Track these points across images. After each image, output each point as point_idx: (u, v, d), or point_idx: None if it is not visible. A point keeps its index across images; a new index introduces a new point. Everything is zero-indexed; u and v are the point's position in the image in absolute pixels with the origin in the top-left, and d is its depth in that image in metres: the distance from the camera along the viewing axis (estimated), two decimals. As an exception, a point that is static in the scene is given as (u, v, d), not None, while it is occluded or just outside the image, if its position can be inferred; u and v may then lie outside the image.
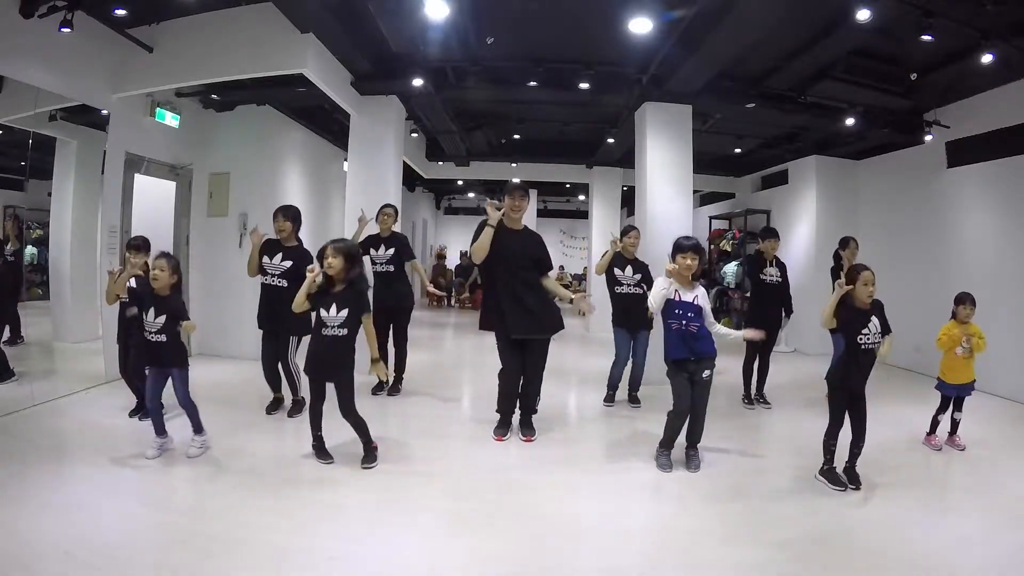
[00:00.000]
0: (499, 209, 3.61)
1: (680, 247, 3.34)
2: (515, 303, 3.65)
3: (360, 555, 2.38)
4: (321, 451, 3.31)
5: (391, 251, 4.76)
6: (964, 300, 3.77)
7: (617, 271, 4.64)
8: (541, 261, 3.81)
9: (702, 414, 3.39)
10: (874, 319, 3.05)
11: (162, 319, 3.27)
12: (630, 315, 4.56)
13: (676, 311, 3.28)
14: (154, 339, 3.29)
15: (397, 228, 5.00)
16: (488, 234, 3.58)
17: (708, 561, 2.42)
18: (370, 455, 3.31)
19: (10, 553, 2.23)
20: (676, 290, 3.30)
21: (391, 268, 4.78)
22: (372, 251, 4.76)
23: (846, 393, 3.14)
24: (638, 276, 4.61)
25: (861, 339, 3.03)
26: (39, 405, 4.09)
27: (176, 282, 3.36)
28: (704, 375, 3.32)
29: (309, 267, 3.27)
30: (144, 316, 3.30)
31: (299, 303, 3.19)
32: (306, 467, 3.26)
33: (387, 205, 4.96)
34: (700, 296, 3.32)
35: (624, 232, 4.78)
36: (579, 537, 2.62)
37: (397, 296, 4.81)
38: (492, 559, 2.40)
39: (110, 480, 2.98)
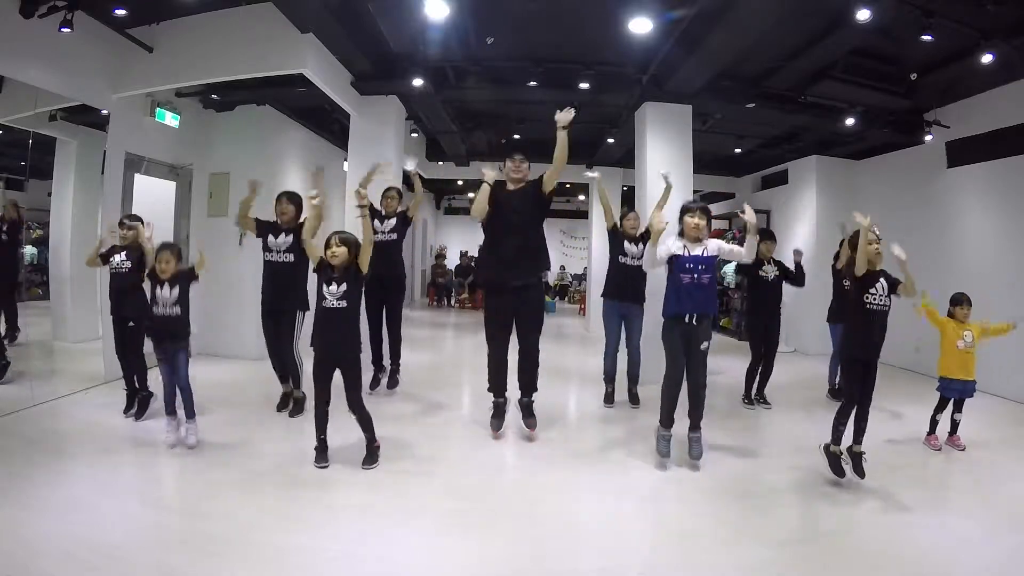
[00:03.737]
0: (498, 172, 3.74)
1: (687, 208, 3.41)
2: (504, 252, 3.67)
3: (360, 555, 2.38)
4: (322, 454, 3.28)
5: (394, 220, 4.76)
6: (961, 301, 3.78)
7: (626, 243, 4.67)
8: (536, 192, 3.73)
9: (701, 388, 3.35)
10: (882, 281, 3.09)
11: (176, 291, 3.42)
12: (625, 287, 4.62)
13: (687, 265, 3.30)
14: (168, 312, 3.42)
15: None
16: (484, 191, 3.64)
17: (708, 561, 2.42)
18: (372, 455, 3.30)
19: (10, 553, 2.23)
20: (684, 245, 3.33)
21: (394, 236, 4.77)
22: (376, 223, 4.69)
23: (859, 364, 3.12)
24: (642, 248, 4.59)
25: (868, 298, 3.07)
26: (39, 405, 4.08)
27: (181, 267, 3.52)
28: (702, 346, 3.32)
29: (310, 194, 3.42)
30: (158, 292, 3.40)
31: (309, 229, 3.31)
32: (306, 467, 3.25)
33: (390, 188, 4.93)
34: (709, 248, 3.35)
35: (623, 216, 4.85)
36: (579, 537, 2.62)
37: (390, 265, 4.73)
38: (492, 559, 2.40)
39: (110, 479, 2.98)
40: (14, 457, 3.16)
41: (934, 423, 3.85)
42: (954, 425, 3.83)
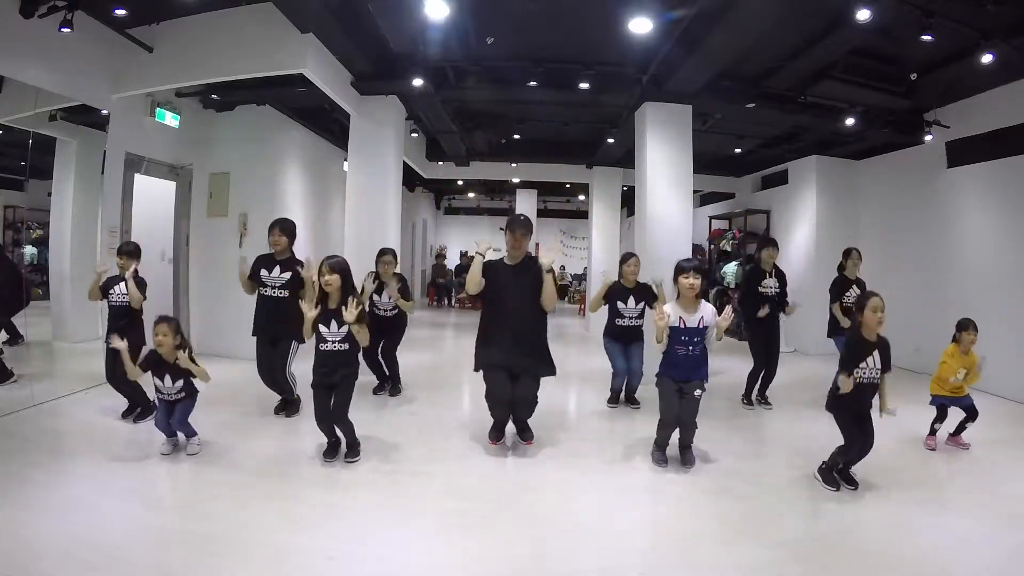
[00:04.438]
0: (488, 248, 3.55)
1: (681, 269, 3.36)
2: (502, 340, 3.50)
3: (360, 555, 2.38)
4: (332, 451, 3.34)
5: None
6: (967, 326, 3.73)
7: (620, 304, 4.58)
8: (537, 278, 3.52)
9: (691, 424, 3.40)
10: (875, 355, 3.02)
11: (180, 383, 3.32)
12: (625, 337, 4.64)
13: (683, 338, 3.30)
14: (173, 399, 3.33)
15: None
16: (477, 266, 3.47)
17: (708, 561, 2.42)
18: (353, 449, 3.35)
19: (10, 553, 2.23)
20: (680, 316, 3.30)
21: (396, 311, 4.83)
22: (375, 296, 4.71)
23: (851, 415, 3.09)
24: (641, 306, 4.58)
25: (858, 372, 3.00)
26: (39, 405, 4.09)
27: (180, 343, 3.31)
28: (696, 393, 3.33)
29: (305, 272, 3.30)
30: (160, 382, 3.31)
31: (308, 326, 3.21)
32: (306, 467, 3.26)
33: (385, 252, 4.80)
34: (706, 316, 3.32)
35: (623, 260, 4.70)
36: (579, 537, 2.62)
37: (392, 326, 4.87)
38: (492, 559, 2.40)
39: (110, 480, 2.98)
40: (14, 457, 3.16)
41: (933, 429, 3.85)
42: (960, 427, 3.83)
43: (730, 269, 9.36)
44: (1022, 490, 3.19)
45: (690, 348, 3.30)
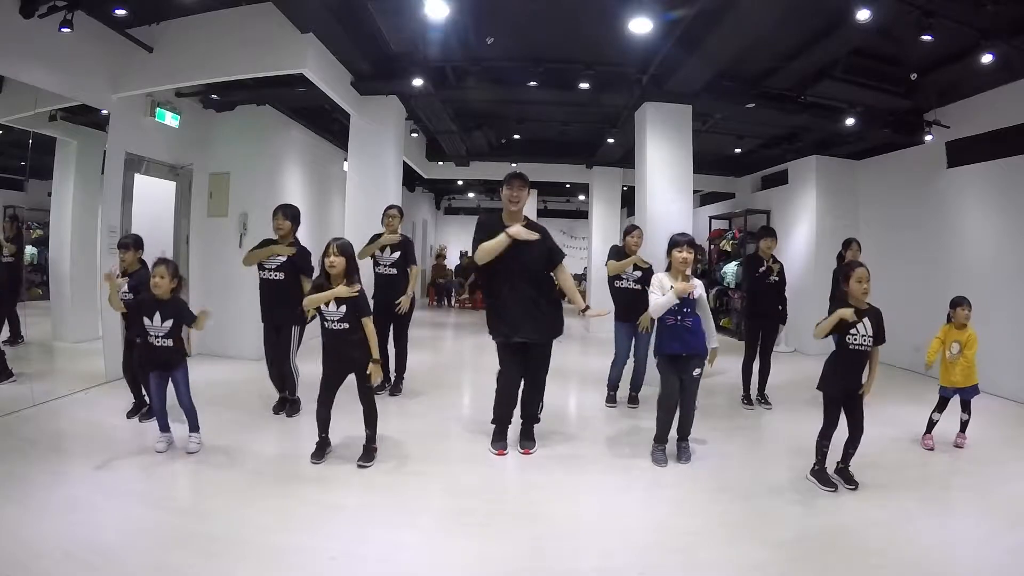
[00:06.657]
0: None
1: (675, 242, 3.44)
2: (518, 304, 3.43)
3: (360, 555, 2.38)
4: (320, 451, 3.32)
5: (396, 255, 4.75)
6: (961, 303, 3.77)
7: None
8: (550, 252, 3.52)
9: (691, 408, 3.46)
10: (866, 321, 3.03)
11: (169, 323, 3.31)
12: (631, 309, 4.58)
13: (672, 307, 3.32)
14: (159, 343, 3.31)
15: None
16: (502, 243, 3.33)
17: (708, 561, 2.42)
18: (368, 454, 3.31)
19: (10, 553, 2.23)
20: (671, 286, 3.36)
21: (394, 271, 4.79)
22: (378, 253, 4.76)
23: (840, 393, 3.12)
24: (638, 274, 4.63)
25: (849, 339, 3.03)
26: (39, 405, 4.09)
27: (177, 285, 3.38)
28: (695, 373, 3.37)
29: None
30: (149, 321, 3.30)
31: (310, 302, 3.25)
32: (306, 467, 3.26)
33: (392, 207, 4.90)
34: (696, 288, 3.39)
35: (627, 231, 4.80)
36: (579, 537, 2.62)
37: (394, 296, 4.80)
38: (492, 559, 2.40)
39: (110, 480, 2.98)
40: (14, 457, 3.16)
41: (931, 423, 3.85)
42: (963, 424, 3.83)
43: (730, 269, 9.36)
44: (1022, 490, 3.19)
45: (679, 318, 3.32)
